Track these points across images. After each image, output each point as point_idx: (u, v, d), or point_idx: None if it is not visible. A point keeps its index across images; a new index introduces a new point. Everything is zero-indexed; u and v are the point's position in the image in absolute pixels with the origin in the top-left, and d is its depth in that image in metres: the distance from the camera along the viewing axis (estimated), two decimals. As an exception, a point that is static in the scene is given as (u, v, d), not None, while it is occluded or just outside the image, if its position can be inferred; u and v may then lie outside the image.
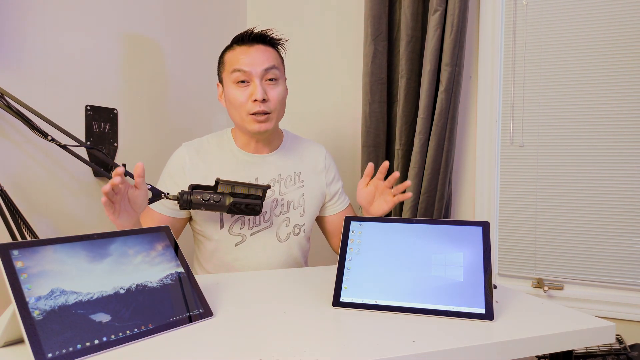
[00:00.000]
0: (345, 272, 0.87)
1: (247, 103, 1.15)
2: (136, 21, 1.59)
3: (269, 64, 1.15)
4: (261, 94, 1.13)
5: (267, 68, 1.15)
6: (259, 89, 1.13)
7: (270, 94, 1.16)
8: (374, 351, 0.64)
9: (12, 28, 1.24)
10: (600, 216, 1.60)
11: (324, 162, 1.33)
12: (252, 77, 1.14)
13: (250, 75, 1.14)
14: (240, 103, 1.15)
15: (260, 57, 1.15)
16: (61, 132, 1.29)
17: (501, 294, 0.92)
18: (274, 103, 1.16)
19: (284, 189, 1.24)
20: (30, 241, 0.64)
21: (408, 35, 1.67)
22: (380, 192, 1.17)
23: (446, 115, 1.63)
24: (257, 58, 1.14)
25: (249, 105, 1.15)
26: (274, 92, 1.16)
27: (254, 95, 1.13)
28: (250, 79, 1.14)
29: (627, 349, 1.43)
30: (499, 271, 1.74)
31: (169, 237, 0.82)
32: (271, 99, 1.15)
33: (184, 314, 0.74)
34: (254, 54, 1.15)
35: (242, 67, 1.14)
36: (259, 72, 1.14)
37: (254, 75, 1.14)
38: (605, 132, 1.59)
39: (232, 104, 1.17)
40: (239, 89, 1.15)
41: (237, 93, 1.15)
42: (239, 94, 1.15)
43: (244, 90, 1.15)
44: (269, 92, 1.15)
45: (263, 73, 1.14)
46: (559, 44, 1.64)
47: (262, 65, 1.14)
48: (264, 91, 1.14)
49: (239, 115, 1.17)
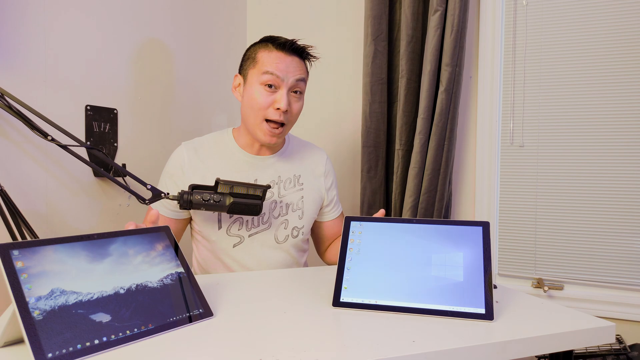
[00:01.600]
0: (345, 272, 0.87)
1: (269, 109, 1.14)
2: (136, 21, 1.58)
3: (301, 76, 1.16)
4: (285, 105, 1.13)
5: (298, 79, 1.16)
6: (285, 99, 1.13)
7: (293, 106, 1.16)
8: (374, 351, 0.64)
9: (12, 28, 1.24)
10: (600, 216, 1.60)
11: (324, 167, 1.32)
12: (282, 85, 1.14)
13: (281, 82, 1.14)
14: (261, 106, 1.14)
15: (296, 68, 1.16)
16: (61, 132, 1.29)
17: (501, 294, 0.92)
18: (292, 116, 1.17)
19: (283, 191, 1.24)
20: (30, 241, 0.64)
21: (408, 35, 1.67)
22: None
23: (446, 115, 1.63)
24: (293, 68, 1.15)
25: (269, 111, 1.14)
26: (296, 105, 1.17)
27: (277, 103, 1.13)
28: (279, 86, 1.14)
29: (627, 349, 1.43)
30: (499, 271, 1.74)
31: (169, 237, 0.82)
32: (292, 111, 1.17)
33: (184, 314, 0.74)
34: (291, 63, 1.15)
35: (276, 71, 1.13)
36: (290, 82, 1.14)
37: (284, 84, 1.14)
38: (606, 132, 1.59)
39: (252, 104, 1.16)
40: (265, 91, 1.14)
41: (262, 95, 1.14)
42: (263, 97, 1.14)
43: (269, 96, 1.14)
44: (292, 104, 1.16)
45: (293, 83, 1.15)
46: (559, 44, 1.64)
47: (296, 74, 1.15)
48: (289, 102, 1.15)
49: (255, 116, 1.16)
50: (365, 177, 1.76)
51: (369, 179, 1.76)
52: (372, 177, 1.76)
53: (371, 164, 1.75)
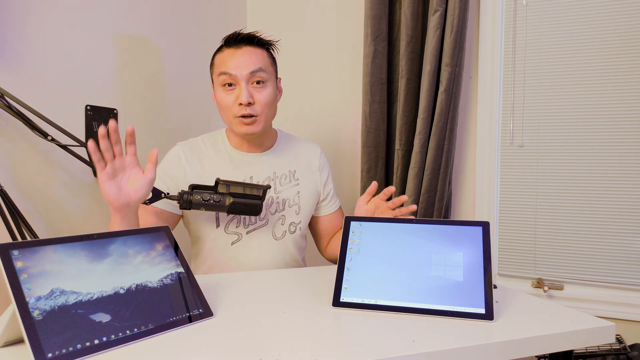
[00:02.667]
0: (345, 272, 0.87)
1: (234, 106, 1.15)
2: (136, 21, 1.59)
3: (255, 67, 1.14)
4: (246, 98, 1.13)
5: (253, 71, 1.14)
6: (245, 93, 1.13)
7: (257, 97, 1.15)
8: (374, 351, 0.64)
9: (12, 28, 1.24)
10: (600, 216, 1.60)
11: (318, 161, 1.33)
12: (238, 81, 1.14)
13: (236, 78, 1.14)
14: (227, 106, 1.16)
15: (247, 60, 1.14)
16: (61, 132, 1.29)
17: (501, 294, 0.92)
18: (260, 106, 1.16)
19: (279, 187, 1.25)
20: (30, 241, 0.64)
21: (408, 35, 1.67)
22: (381, 211, 1.16)
23: (446, 116, 1.63)
24: (243, 61, 1.14)
25: (235, 109, 1.15)
26: (260, 95, 1.16)
27: (239, 98, 1.13)
28: (237, 82, 1.14)
29: (627, 349, 1.43)
30: (499, 271, 1.74)
31: (169, 237, 0.82)
32: (257, 102, 1.15)
33: (184, 314, 0.74)
34: (241, 56, 1.14)
35: (228, 70, 1.14)
36: (244, 76, 1.14)
37: (240, 79, 1.14)
38: (605, 132, 1.59)
39: (220, 106, 1.18)
40: (225, 91, 1.16)
41: (224, 96, 1.16)
42: (226, 97, 1.16)
43: (231, 94, 1.15)
44: (255, 95, 1.15)
45: (249, 76, 1.14)
46: (559, 44, 1.64)
47: (248, 68, 1.14)
48: (250, 94, 1.14)
49: (227, 117, 1.18)
50: (365, 177, 1.76)
51: (369, 179, 1.76)
52: (372, 177, 1.76)
53: (371, 164, 1.75)
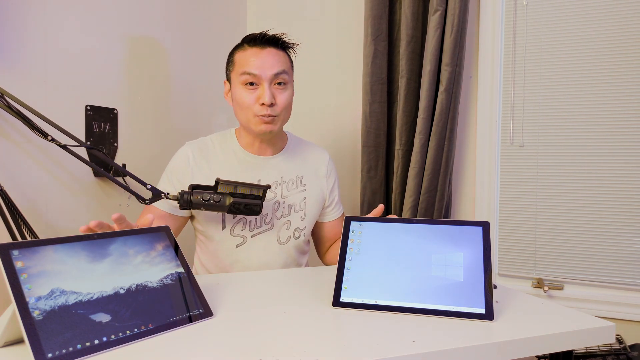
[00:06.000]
0: (345, 272, 0.87)
1: (255, 105, 1.14)
2: (136, 21, 1.58)
3: (279, 69, 1.15)
4: (269, 99, 1.13)
5: (277, 73, 1.14)
6: (267, 93, 1.13)
7: (278, 98, 1.15)
8: (374, 351, 0.64)
9: (12, 28, 1.24)
10: (600, 216, 1.60)
11: (326, 168, 1.32)
12: (262, 81, 1.14)
13: (260, 78, 1.14)
14: (248, 105, 1.15)
15: (271, 61, 1.14)
16: (61, 132, 1.29)
17: (501, 294, 0.92)
18: (280, 107, 1.16)
19: (286, 192, 1.24)
20: (30, 241, 0.64)
21: (408, 35, 1.67)
22: None
23: (446, 115, 1.63)
24: (267, 62, 1.14)
25: (256, 108, 1.14)
26: (281, 96, 1.16)
27: (261, 99, 1.13)
28: (260, 82, 1.14)
29: (627, 349, 1.43)
30: (499, 271, 1.74)
31: (169, 237, 0.82)
32: (279, 103, 1.16)
33: (184, 314, 0.74)
34: (265, 57, 1.14)
35: (252, 70, 1.13)
36: (268, 76, 1.14)
37: (264, 79, 1.13)
38: (605, 132, 1.59)
39: (239, 104, 1.17)
40: (247, 90, 1.15)
41: (245, 94, 1.15)
42: (247, 96, 1.15)
43: (252, 93, 1.15)
44: (277, 97, 1.15)
45: (272, 77, 1.14)
46: (559, 43, 1.64)
47: (272, 69, 1.14)
48: (272, 95, 1.14)
49: (245, 115, 1.17)
50: (365, 177, 1.76)
51: (369, 179, 1.76)
52: (372, 177, 1.76)
53: (371, 164, 1.75)
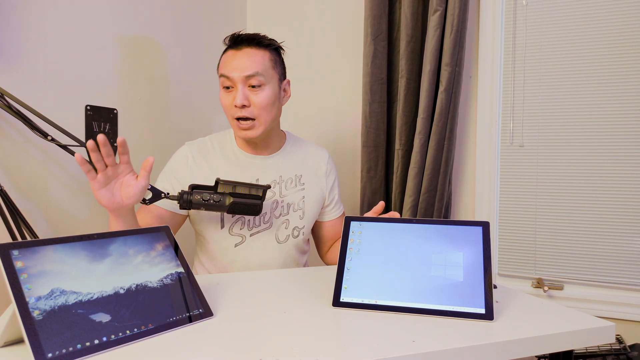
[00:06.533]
0: (345, 272, 0.87)
1: (231, 108, 1.15)
2: (137, 21, 1.58)
3: (251, 71, 1.13)
4: (241, 100, 1.13)
5: (249, 75, 1.13)
6: (240, 95, 1.13)
7: (252, 99, 1.15)
8: (374, 351, 0.64)
9: (12, 28, 1.24)
10: (600, 216, 1.60)
11: (325, 167, 1.32)
12: (235, 83, 1.14)
13: (234, 80, 1.14)
14: (226, 107, 1.17)
15: (245, 63, 1.14)
16: (61, 132, 1.29)
17: (501, 294, 0.92)
18: (257, 109, 1.15)
19: (285, 190, 1.24)
20: (30, 241, 0.64)
21: (408, 35, 1.67)
22: None
23: (446, 115, 1.63)
24: (241, 64, 1.14)
25: (232, 110, 1.16)
26: (256, 97, 1.15)
27: (234, 100, 1.14)
28: (234, 85, 1.15)
29: (627, 349, 1.43)
30: (499, 271, 1.74)
31: (169, 237, 0.82)
32: (253, 104, 1.15)
33: (184, 314, 0.74)
34: (240, 58, 1.14)
35: (226, 72, 1.15)
36: (241, 78, 1.14)
37: (237, 81, 1.14)
38: (606, 132, 1.59)
39: (222, 107, 1.19)
40: (225, 93, 1.17)
41: (223, 97, 1.17)
42: (225, 99, 1.17)
43: (229, 95, 1.16)
44: (251, 98, 1.15)
45: (244, 79, 1.14)
46: (559, 44, 1.64)
47: (244, 71, 1.13)
48: (245, 97, 1.14)
49: (228, 118, 1.19)
50: (365, 177, 1.76)
51: (369, 179, 1.76)
52: (372, 177, 1.76)
53: (371, 164, 1.75)
